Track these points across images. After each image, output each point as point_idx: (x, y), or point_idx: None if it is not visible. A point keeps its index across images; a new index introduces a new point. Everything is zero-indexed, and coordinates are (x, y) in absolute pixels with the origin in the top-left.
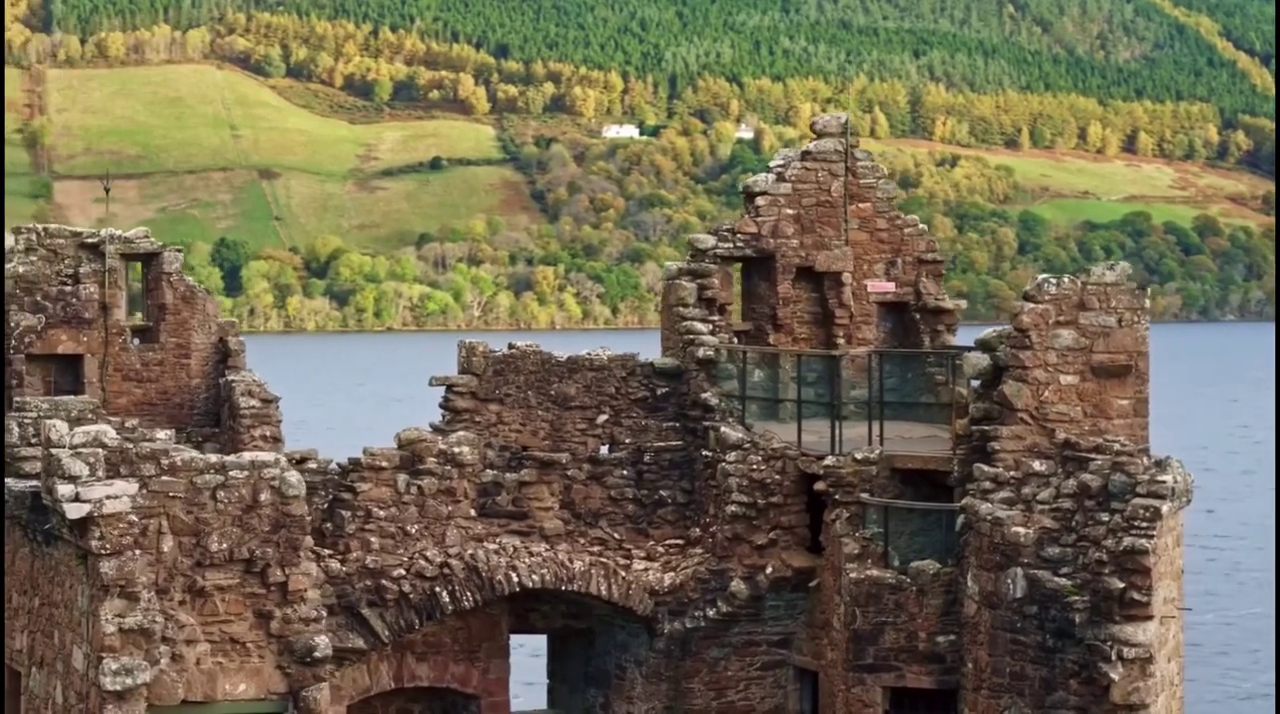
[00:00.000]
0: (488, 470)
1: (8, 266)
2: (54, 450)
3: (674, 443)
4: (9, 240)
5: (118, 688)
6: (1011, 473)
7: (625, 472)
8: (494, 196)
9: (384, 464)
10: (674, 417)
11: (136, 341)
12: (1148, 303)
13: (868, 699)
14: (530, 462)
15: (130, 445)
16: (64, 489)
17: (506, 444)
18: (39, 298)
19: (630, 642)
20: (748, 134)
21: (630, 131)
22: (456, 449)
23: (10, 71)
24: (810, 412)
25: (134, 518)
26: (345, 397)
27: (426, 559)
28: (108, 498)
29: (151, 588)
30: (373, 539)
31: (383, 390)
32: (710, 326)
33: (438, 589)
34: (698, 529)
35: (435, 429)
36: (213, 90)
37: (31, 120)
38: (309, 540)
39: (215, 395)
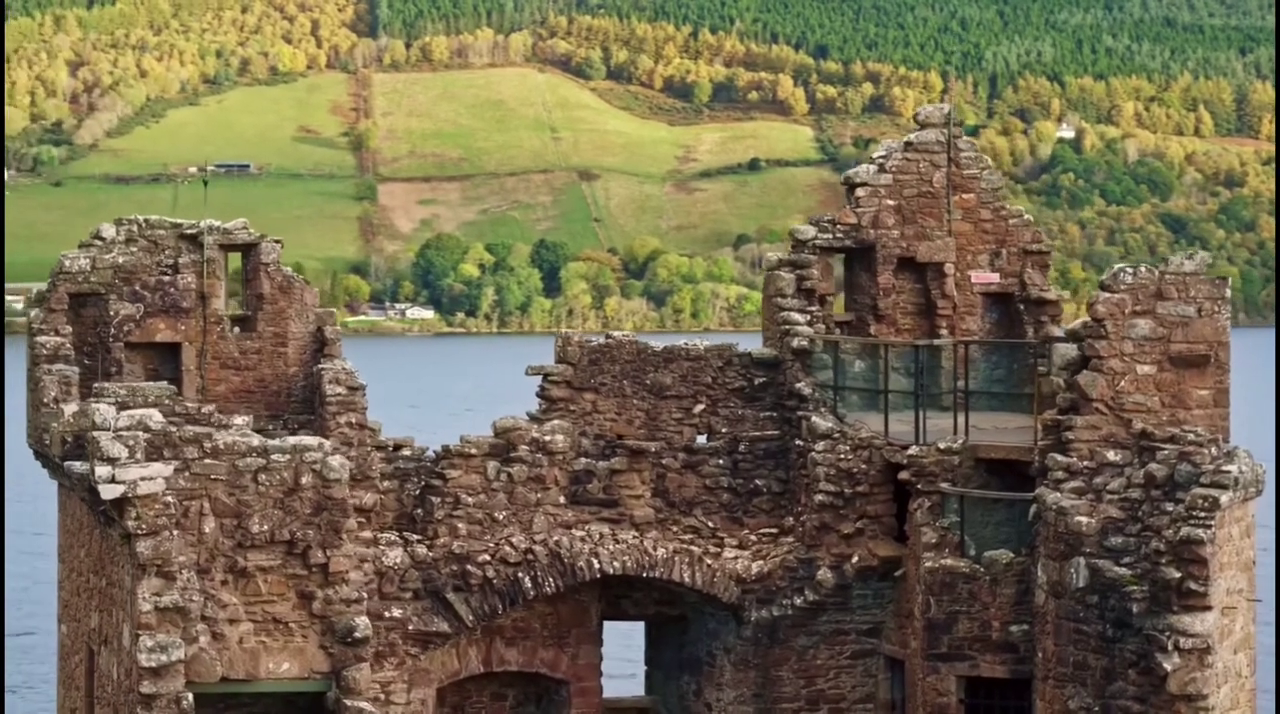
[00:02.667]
0: (580, 459)
1: (107, 257)
2: (96, 433)
3: (770, 432)
4: (109, 231)
5: (153, 664)
6: (1085, 463)
7: (721, 461)
8: (812, 197)
9: (474, 451)
10: (771, 407)
11: (236, 330)
12: (1228, 293)
13: (942, 688)
14: (621, 450)
15: (174, 429)
16: (101, 470)
17: (601, 433)
18: (138, 287)
19: (720, 629)
20: (1069, 133)
21: None
22: (548, 437)
23: (336, 76)
24: (908, 402)
25: (170, 499)
26: None
27: (512, 545)
28: (142, 479)
29: (190, 568)
30: (460, 525)
31: None
32: (808, 317)
33: (520, 575)
34: (791, 518)
35: (532, 418)
36: (534, 93)
37: (357, 124)
38: (352, 523)
39: (311, 383)
